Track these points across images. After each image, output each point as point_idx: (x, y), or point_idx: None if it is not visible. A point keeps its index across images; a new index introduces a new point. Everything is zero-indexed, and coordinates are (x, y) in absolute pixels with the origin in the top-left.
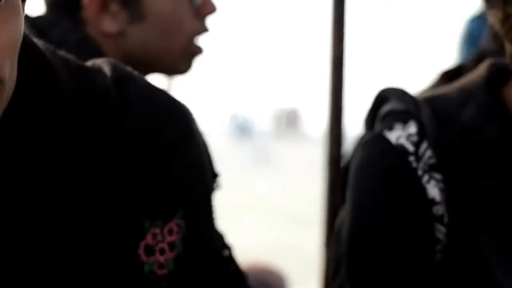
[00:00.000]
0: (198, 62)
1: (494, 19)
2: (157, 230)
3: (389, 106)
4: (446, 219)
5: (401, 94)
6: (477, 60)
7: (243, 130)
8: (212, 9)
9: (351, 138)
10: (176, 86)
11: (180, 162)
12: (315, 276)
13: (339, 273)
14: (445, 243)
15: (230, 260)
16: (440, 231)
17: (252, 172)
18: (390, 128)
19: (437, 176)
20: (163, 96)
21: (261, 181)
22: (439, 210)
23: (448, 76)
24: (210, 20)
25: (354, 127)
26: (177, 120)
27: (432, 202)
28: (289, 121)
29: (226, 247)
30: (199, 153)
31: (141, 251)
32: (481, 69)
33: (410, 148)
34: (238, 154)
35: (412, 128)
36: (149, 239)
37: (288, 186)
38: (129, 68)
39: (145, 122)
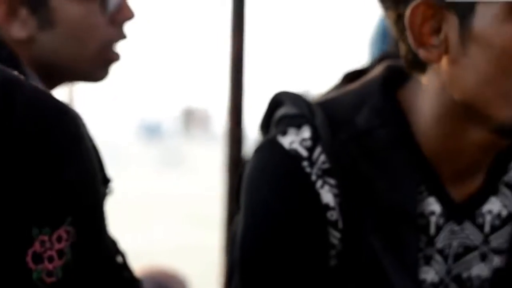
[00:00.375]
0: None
1: (388, 20)
2: (45, 238)
3: (283, 110)
4: (340, 224)
5: (295, 98)
6: (380, 62)
7: (151, 131)
8: (129, 16)
9: (252, 139)
10: (82, 91)
11: (69, 168)
12: (217, 279)
13: (234, 279)
14: (340, 249)
15: (124, 267)
16: (335, 236)
17: (159, 173)
18: (284, 133)
19: (331, 181)
20: (51, 101)
21: (168, 183)
22: (333, 215)
23: (350, 78)
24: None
25: (256, 128)
26: (65, 125)
27: (326, 207)
28: (199, 121)
29: (119, 253)
30: (88, 159)
31: (29, 258)
32: (377, 71)
33: (304, 153)
34: (146, 156)
35: (306, 132)
36: (37, 246)
37: (194, 187)
38: (16, 73)
39: (31, 127)
